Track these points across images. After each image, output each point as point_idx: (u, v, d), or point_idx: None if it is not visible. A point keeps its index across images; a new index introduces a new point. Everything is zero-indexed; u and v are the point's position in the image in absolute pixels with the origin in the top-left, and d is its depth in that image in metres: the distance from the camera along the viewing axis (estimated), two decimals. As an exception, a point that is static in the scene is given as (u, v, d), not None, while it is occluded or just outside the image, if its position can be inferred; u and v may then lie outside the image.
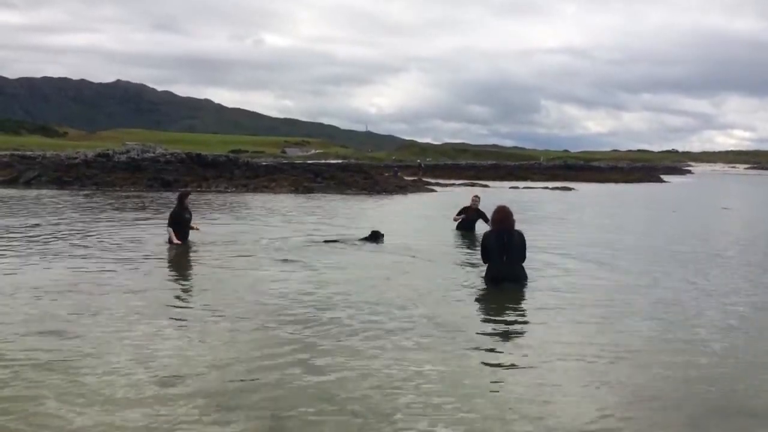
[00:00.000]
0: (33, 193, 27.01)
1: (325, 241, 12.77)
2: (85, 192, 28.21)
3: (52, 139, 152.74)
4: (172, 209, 12.74)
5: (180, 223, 12.16)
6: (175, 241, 11.95)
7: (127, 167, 33.75)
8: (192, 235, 12.45)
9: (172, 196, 18.09)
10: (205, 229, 13.39)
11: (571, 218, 20.60)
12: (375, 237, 12.83)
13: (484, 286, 8.76)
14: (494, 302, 8.08)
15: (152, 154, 35.59)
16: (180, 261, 11.00)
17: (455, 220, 15.24)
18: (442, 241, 13.84)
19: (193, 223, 12.63)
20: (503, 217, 8.81)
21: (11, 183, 31.96)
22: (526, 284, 8.70)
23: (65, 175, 32.70)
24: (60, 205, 21.12)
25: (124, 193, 27.98)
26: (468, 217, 15.04)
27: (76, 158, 36.47)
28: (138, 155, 35.38)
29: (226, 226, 15.99)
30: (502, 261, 8.67)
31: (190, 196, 12.76)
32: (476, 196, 15.78)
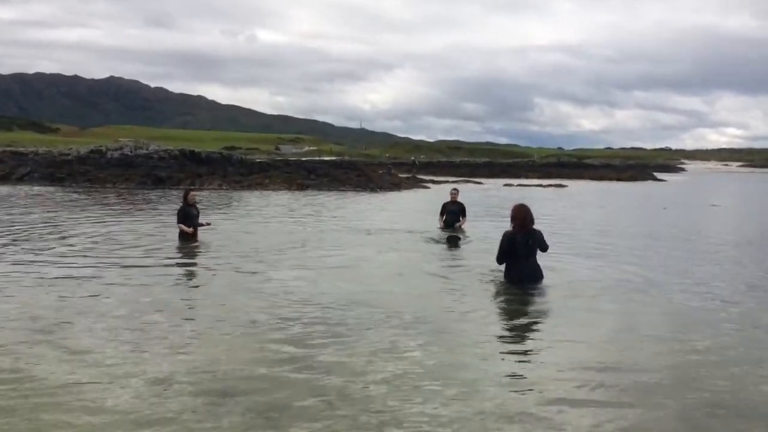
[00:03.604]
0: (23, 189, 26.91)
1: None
2: (77, 189, 28.12)
3: (44, 136, 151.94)
4: (179, 207, 12.67)
5: (188, 219, 12.13)
6: (187, 230, 11.96)
7: (120, 164, 33.61)
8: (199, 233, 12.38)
9: (161, 193, 18.00)
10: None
11: (566, 216, 20.66)
12: (453, 241, 12.74)
13: (500, 284, 8.69)
14: (506, 300, 8.12)
15: (145, 151, 35.47)
16: (179, 260, 10.98)
17: (441, 222, 15.13)
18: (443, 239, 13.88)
19: (204, 220, 12.62)
20: (525, 215, 8.67)
21: (3, 179, 31.83)
22: (542, 282, 8.69)
23: (58, 172, 32.56)
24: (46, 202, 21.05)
25: (115, 190, 27.92)
26: (449, 210, 15.07)
27: (68, 155, 36.33)
28: (131, 152, 35.25)
29: (227, 224, 15.95)
30: (526, 261, 8.63)
31: (192, 193, 12.72)
32: (455, 189, 15.96)
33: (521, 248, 8.57)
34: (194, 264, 10.46)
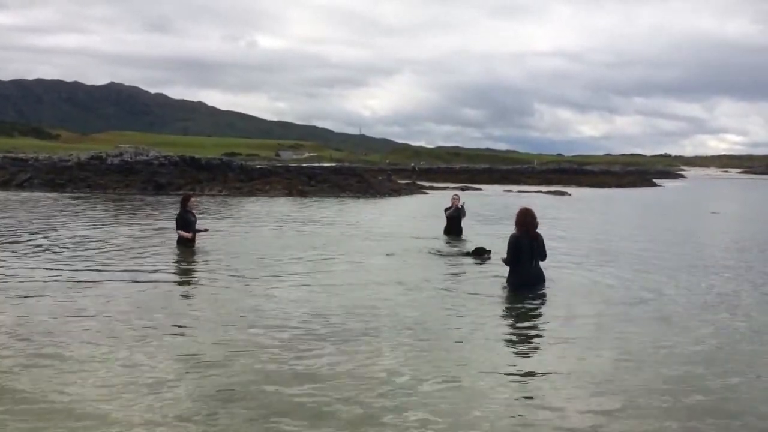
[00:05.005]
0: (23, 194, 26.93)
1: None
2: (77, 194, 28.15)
3: (44, 142, 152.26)
4: (177, 213, 12.67)
5: (187, 225, 12.14)
6: (186, 235, 11.97)
7: (120, 170, 33.68)
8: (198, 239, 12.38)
9: (161, 199, 17.93)
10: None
11: (567, 222, 20.68)
12: (480, 253, 12.01)
13: (502, 290, 8.74)
14: (510, 305, 8.13)
15: (145, 157, 35.53)
16: (177, 265, 11.00)
17: (447, 215, 15.49)
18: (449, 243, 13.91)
19: (202, 225, 12.62)
20: (530, 219, 8.74)
21: (4, 185, 31.86)
22: (546, 285, 8.75)
23: (58, 178, 32.62)
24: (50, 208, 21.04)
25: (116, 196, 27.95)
26: (452, 215, 15.32)
27: (68, 161, 36.38)
28: (131, 158, 35.32)
29: (226, 230, 15.97)
30: (530, 265, 8.68)
31: (192, 199, 12.72)
32: (456, 195, 16.28)
33: (525, 251, 8.64)
34: (193, 269, 10.46)
